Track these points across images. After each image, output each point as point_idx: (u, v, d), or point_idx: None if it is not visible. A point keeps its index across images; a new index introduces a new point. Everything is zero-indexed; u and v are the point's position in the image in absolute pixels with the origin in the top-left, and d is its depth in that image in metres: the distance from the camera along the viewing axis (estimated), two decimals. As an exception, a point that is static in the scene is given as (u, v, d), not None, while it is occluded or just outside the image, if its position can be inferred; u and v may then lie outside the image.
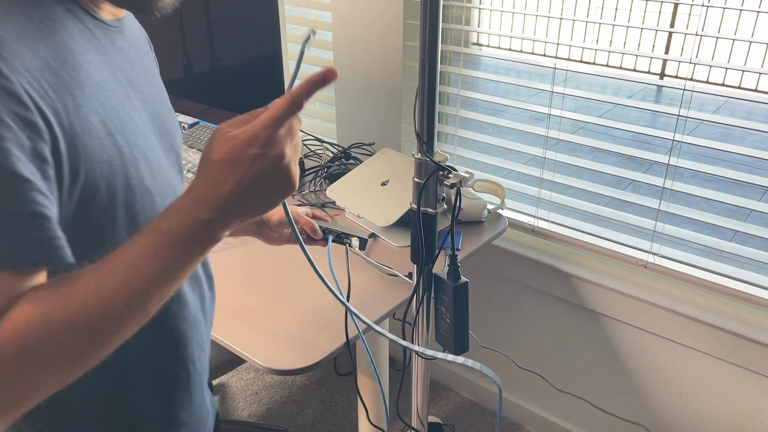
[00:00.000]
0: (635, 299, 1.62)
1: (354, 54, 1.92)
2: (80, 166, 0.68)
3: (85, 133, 0.68)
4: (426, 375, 1.33)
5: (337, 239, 1.19)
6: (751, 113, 4.99)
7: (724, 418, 1.62)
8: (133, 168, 0.75)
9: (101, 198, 0.71)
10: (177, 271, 0.64)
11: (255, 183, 0.62)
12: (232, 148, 0.61)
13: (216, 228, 0.64)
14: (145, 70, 0.86)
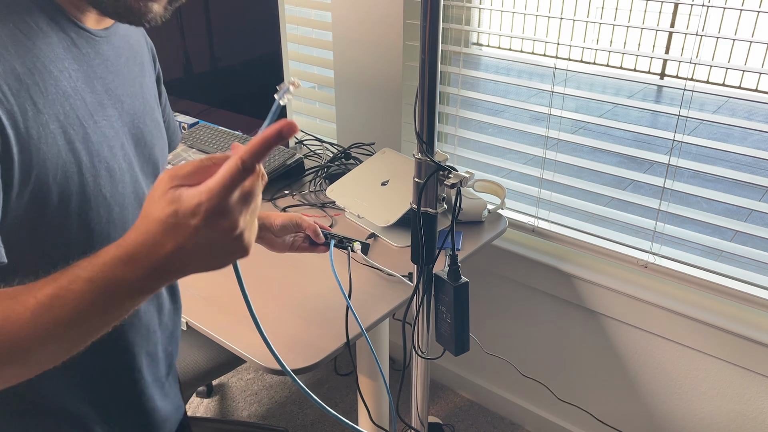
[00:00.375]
0: (635, 299, 1.61)
1: (354, 54, 1.92)
2: (32, 169, 0.68)
3: (41, 139, 0.68)
4: (426, 375, 1.33)
5: (339, 244, 1.18)
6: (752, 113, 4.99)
7: (724, 418, 1.62)
8: (91, 176, 0.75)
9: (52, 203, 0.71)
10: (96, 318, 0.58)
11: (197, 250, 0.57)
12: (175, 211, 0.56)
13: (144, 289, 0.59)
14: (130, 80, 0.86)
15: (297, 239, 1.16)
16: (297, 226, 1.14)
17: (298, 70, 2.15)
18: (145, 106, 0.89)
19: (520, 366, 1.97)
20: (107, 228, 0.78)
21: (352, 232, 1.56)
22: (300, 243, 1.16)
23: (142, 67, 0.90)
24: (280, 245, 1.16)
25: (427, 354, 1.25)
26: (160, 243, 0.57)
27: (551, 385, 1.93)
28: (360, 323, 1.14)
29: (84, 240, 0.76)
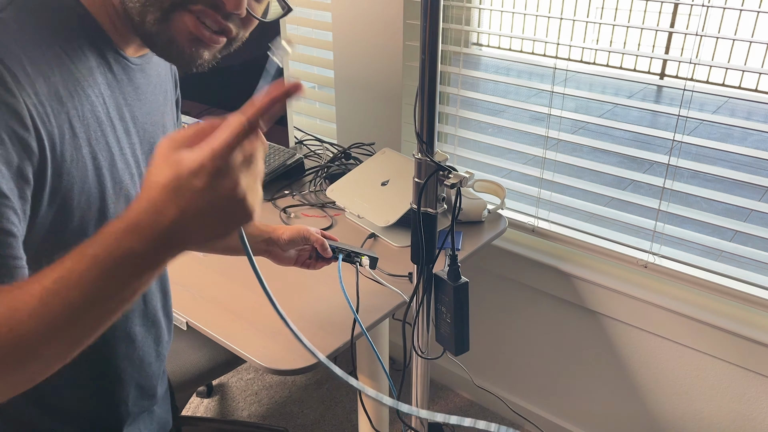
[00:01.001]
0: (635, 299, 1.61)
1: (354, 54, 1.92)
2: (60, 192, 0.68)
3: (73, 163, 0.69)
4: (426, 375, 1.33)
5: (347, 258, 1.18)
6: (751, 113, 4.99)
7: (724, 418, 1.62)
8: (112, 204, 0.75)
9: (73, 226, 0.71)
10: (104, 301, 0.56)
11: (201, 215, 0.55)
12: (176, 175, 0.54)
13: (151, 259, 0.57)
14: (155, 109, 0.86)
15: (303, 254, 1.16)
16: (305, 239, 1.14)
17: (299, 70, 2.15)
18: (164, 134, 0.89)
19: (520, 366, 1.97)
20: None
21: (352, 232, 1.56)
22: (306, 258, 1.17)
23: (165, 95, 0.91)
24: (286, 259, 1.15)
25: (427, 354, 1.25)
26: (163, 208, 0.55)
27: (551, 385, 1.93)
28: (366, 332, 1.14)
29: None
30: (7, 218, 0.60)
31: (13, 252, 0.61)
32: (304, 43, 2.11)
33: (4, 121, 0.60)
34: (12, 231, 0.61)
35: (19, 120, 0.61)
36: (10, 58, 0.62)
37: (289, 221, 1.61)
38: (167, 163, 0.55)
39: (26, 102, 0.62)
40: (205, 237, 0.58)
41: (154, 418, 0.99)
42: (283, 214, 1.64)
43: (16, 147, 0.61)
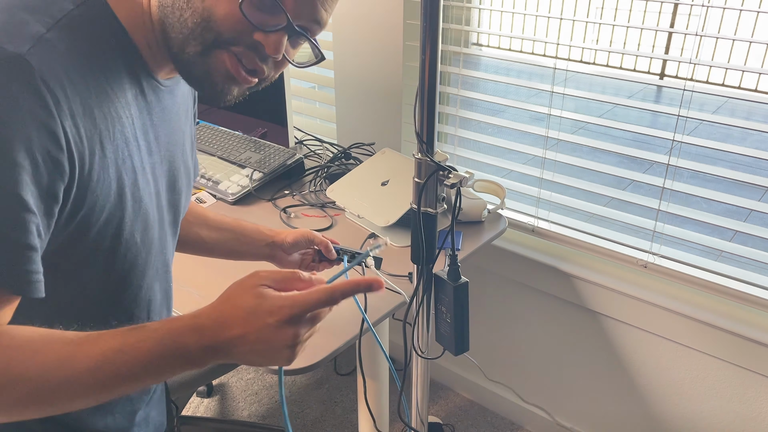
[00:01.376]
0: (635, 299, 1.62)
1: (354, 54, 1.92)
2: (81, 209, 0.70)
3: (99, 183, 0.70)
4: (426, 375, 1.33)
5: (352, 259, 1.18)
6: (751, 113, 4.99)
7: (724, 418, 1.62)
8: (129, 223, 0.77)
9: (86, 243, 0.73)
10: (148, 379, 0.66)
11: (255, 343, 0.66)
12: (258, 305, 0.66)
13: (200, 360, 0.66)
14: (177, 129, 0.88)
15: (307, 257, 1.17)
16: (309, 241, 1.15)
17: (299, 70, 2.15)
18: (183, 155, 0.91)
19: (520, 365, 1.97)
20: (128, 270, 0.80)
21: (352, 232, 1.57)
22: (310, 262, 1.17)
23: (187, 113, 0.92)
24: (289, 263, 1.16)
25: (427, 354, 1.25)
26: (231, 325, 0.66)
27: (551, 385, 1.93)
28: (375, 333, 1.14)
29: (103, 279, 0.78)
30: (32, 233, 0.64)
31: (33, 267, 0.65)
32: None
33: (41, 143, 0.62)
34: (34, 245, 0.64)
35: (55, 141, 0.64)
36: (53, 79, 0.64)
37: (289, 221, 1.62)
38: (252, 293, 0.67)
39: (63, 123, 0.64)
40: (248, 361, 0.68)
41: (150, 421, 0.99)
42: (283, 214, 1.64)
43: (49, 167, 0.64)
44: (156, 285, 0.88)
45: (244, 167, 1.81)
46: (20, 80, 0.61)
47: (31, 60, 0.62)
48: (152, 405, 1.00)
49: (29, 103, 0.62)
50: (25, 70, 0.62)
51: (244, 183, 1.73)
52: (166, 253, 0.89)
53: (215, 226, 1.13)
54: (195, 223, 1.11)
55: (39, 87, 0.62)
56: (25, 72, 0.62)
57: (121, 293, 0.81)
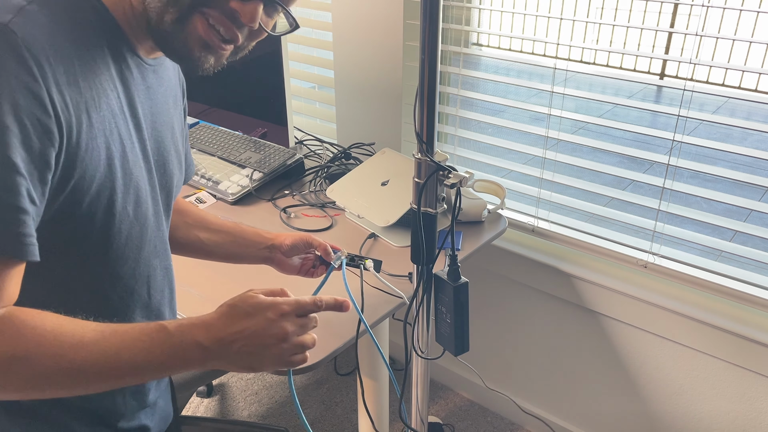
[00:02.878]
0: (635, 299, 1.62)
1: (354, 54, 1.92)
2: (71, 179, 0.71)
3: (87, 152, 0.72)
4: (426, 375, 1.33)
5: (350, 262, 1.19)
6: (751, 113, 4.99)
7: (724, 418, 1.62)
8: (121, 194, 0.78)
9: (81, 213, 0.74)
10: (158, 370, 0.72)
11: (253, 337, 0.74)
12: (257, 304, 0.75)
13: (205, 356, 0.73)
14: (164, 111, 0.89)
15: (307, 262, 1.18)
16: (307, 245, 1.15)
17: (299, 70, 2.16)
18: (172, 137, 0.92)
19: (520, 366, 1.97)
20: (124, 244, 0.82)
21: (352, 232, 1.57)
22: (309, 267, 1.18)
23: (175, 101, 0.94)
24: (289, 267, 1.17)
25: (427, 354, 1.26)
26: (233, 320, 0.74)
27: (551, 385, 1.93)
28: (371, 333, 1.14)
29: (101, 253, 0.80)
30: (22, 196, 0.65)
31: (26, 230, 0.66)
32: (304, 43, 2.11)
33: (28, 108, 0.64)
34: (26, 209, 0.65)
35: (42, 107, 0.65)
36: (36, 47, 0.65)
37: (289, 221, 1.62)
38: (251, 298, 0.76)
39: (49, 90, 0.66)
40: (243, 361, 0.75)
41: (156, 410, 1.00)
42: (283, 214, 1.64)
43: (38, 132, 0.65)
44: (155, 261, 0.90)
45: (244, 167, 1.81)
46: (4, 48, 0.63)
47: (15, 28, 0.64)
48: (160, 393, 1.01)
49: (15, 69, 0.63)
50: (9, 38, 0.63)
51: (244, 183, 1.73)
52: (162, 231, 0.91)
53: (215, 229, 1.14)
54: (194, 226, 1.12)
55: (23, 54, 0.64)
56: (9, 40, 0.63)
57: (120, 268, 0.83)
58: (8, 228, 0.64)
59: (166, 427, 1.05)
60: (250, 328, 0.73)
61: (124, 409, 0.92)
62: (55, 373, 0.67)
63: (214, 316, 0.74)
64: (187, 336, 0.72)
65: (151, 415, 0.99)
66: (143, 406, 0.96)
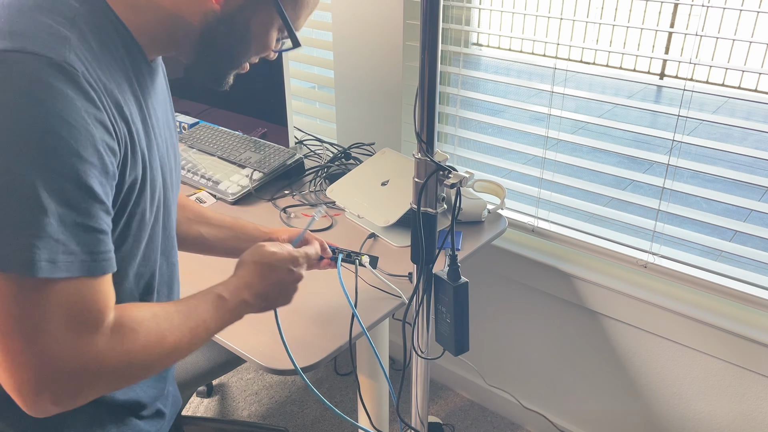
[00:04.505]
0: (635, 299, 1.62)
1: (354, 54, 1.92)
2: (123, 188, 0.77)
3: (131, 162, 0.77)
4: (426, 375, 1.33)
5: (347, 258, 1.20)
6: (751, 113, 4.99)
7: (724, 418, 1.62)
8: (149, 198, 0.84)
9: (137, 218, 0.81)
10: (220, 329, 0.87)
11: (280, 285, 0.94)
12: (279, 259, 0.94)
13: (249, 308, 0.91)
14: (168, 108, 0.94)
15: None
16: (304, 241, 1.17)
17: (299, 70, 2.16)
18: (172, 136, 0.95)
19: (520, 366, 1.98)
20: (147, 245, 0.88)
21: (352, 232, 1.57)
22: None
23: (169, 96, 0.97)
24: None
25: (427, 354, 1.26)
26: (267, 276, 0.93)
27: (551, 385, 1.93)
28: (365, 329, 1.14)
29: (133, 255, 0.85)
30: (102, 219, 0.71)
31: (105, 247, 0.72)
32: (304, 43, 2.11)
33: (100, 135, 0.70)
34: (105, 229, 0.72)
35: (108, 132, 0.71)
36: (91, 77, 0.70)
37: (289, 221, 1.62)
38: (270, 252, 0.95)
39: (108, 114, 0.71)
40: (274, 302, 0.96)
41: (169, 397, 1.04)
42: (283, 214, 1.64)
43: (109, 155, 0.71)
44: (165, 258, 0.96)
45: (244, 167, 1.81)
46: (71, 84, 0.67)
47: (74, 64, 0.68)
48: (169, 381, 1.05)
49: (84, 103, 0.68)
50: (73, 75, 0.68)
51: (244, 183, 1.73)
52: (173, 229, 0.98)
53: (215, 224, 1.16)
54: (195, 221, 1.14)
55: (86, 88, 0.69)
56: (74, 76, 0.68)
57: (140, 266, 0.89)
58: (94, 250, 0.70)
59: (177, 412, 1.08)
60: (280, 279, 0.93)
61: (146, 399, 0.95)
62: (160, 356, 0.78)
63: (249, 275, 0.91)
64: (237, 298, 0.88)
65: (166, 401, 1.02)
66: (161, 394, 0.99)
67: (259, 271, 0.92)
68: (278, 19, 0.83)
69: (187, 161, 1.88)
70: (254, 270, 0.92)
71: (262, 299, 0.92)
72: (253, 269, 0.91)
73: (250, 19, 0.82)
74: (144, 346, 0.75)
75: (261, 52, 0.87)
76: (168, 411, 1.02)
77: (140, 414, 0.95)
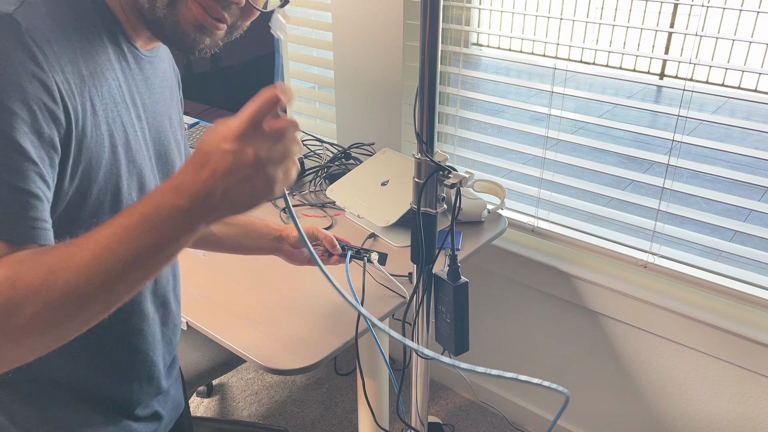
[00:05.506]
0: (635, 299, 1.62)
1: (354, 54, 1.92)
2: (80, 166, 0.72)
3: (93, 139, 0.73)
4: (426, 375, 1.33)
5: (356, 255, 1.21)
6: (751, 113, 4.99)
7: (724, 418, 1.62)
8: (126, 181, 0.80)
9: (90, 201, 0.75)
10: (149, 257, 0.62)
11: (227, 177, 0.62)
12: (211, 139, 0.62)
13: (190, 217, 0.63)
14: (162, 101, 0.91)
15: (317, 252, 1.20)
16: (313, 237, 1.19)
17: (299, 70, 2.16)
18: (171, 127, 0.93)
19: (520, 366, 1.98)
20: None
21: (352, 232, 1.57)
22: (320, 257, 1.21)
23: (171, 92, 0.95)
24: (298, 257, 1.20)
25: (427, 354, 1.25)
26: (199, 168, 0.62)
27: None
28: (370, 327, 1.14)
29: None
30: (33, 182, 0.64)
31: (40, 215, 0.65)
32: (304, 43, 2.11)
33: (36, 94, 0.65)
34: (38, 195, 0.65)
35: (49, 93, 0.66)
36: (40, 36, 0.67)
37: (289, 221, 1.62)
38: (210, 131, 0.64)
39: (54, 77, 0.67)
40: (233, 203, 0.64)
41: (168, 398, 1.02)
42: (283, 214, 1.64)
43: (46, 118, 0.66)
44: None
45: (244, 167, 1.81)
46: (10, 37, 0.65)
47: (19, 18, 0.66)
48: (171, 382, 1.03)
49: (21, 57, 0.65)
50: (14, 28, 0.65)
51: (244, 183, 1.73)
52: None
53: (226, 222, 1.16)
54: None
55: (28, 43, 0.66)
56: (14, 29, 0.65)
57: None
58: (20, 213, 0.63)
59: (178, 416, 1.07)
60: (218, 168, 0.62)
61: (139, 395, 0.94)
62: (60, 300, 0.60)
63: (178, 174, 0.64)
64: (163, 207, 0.62)
65: (164, 403, 1.01)
66: (157, 392, 0.98)
67: (188, 165, 0.64)
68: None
69: (187, 161, 1.87)
70: (184, 166, 0.64)
71: (208, 200, 0.63)
72: (183, 166, 0.64)
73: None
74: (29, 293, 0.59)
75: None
76: (166, 414, 1.01)
77: (134, 414, 0.94)
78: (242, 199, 0.64)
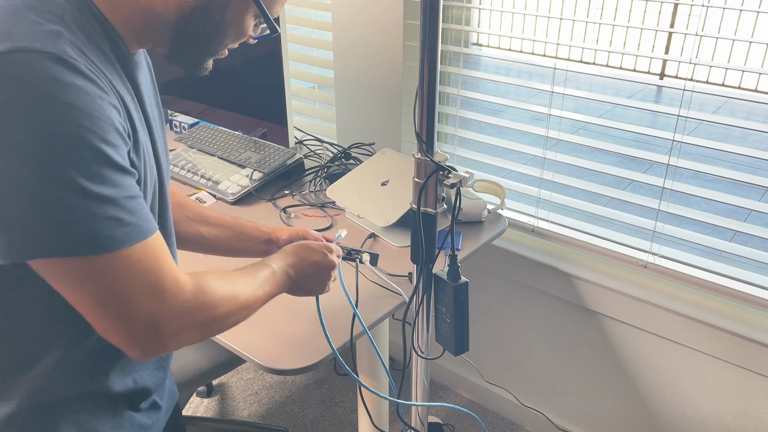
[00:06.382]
0: (635, 299, 1.62)
1: (354, 54, 1.92)
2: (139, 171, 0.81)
3: (139, 147, 0.79)
4: (426, 375, 1.33)
5: (347, 256, 1.20)
6: (751, 113, 5.00)
7: (724, 418, 1.62)
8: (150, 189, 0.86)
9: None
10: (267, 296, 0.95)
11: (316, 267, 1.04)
12: (320, 245, 1.06)
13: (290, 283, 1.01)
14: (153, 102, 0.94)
15: None
16: (303, 238, 1.18)
17: (299, 70, 2.16)
18: (161, 126, 0.95)
19: (520, 366, 1.98)
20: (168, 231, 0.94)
21: (352, 232, 1.56)
22: None
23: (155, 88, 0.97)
24: None
25: (427, 354, 1.26)
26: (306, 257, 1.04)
27: (551, 385, 1.93)
28: (367, 330, 1.14)
29: None
30: (136, 187, 0.75)
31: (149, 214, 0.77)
32: (304, 43, 2.11)
33: (116, 117, 0.73)
34: (141, 195, 0.76)
35: (119, 113, 0.74)
36: (90, 67, 0.72)
37: (289, 221, 1.62)
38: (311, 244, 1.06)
39: (115, 96, 0.74)
40: (311, 284, 1.06)
41: (165, 389, 1.04)
42: (283, 214, 1.64)
43: (124, 136, 0.74)
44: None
45: (244, 167, 1.81)
46: (78, 75, 0.69)
47: (73, 55, 0.70)
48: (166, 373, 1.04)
49: (95, 89, 0.71)
50: (74, 66, 0.69)
51: (244, 183, 1.73)
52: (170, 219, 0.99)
53: (215, 224, 1.17)
54: (195, 220, 1.14)
55: (91, 75, 0.71)
56: (75, 67, 0.70)
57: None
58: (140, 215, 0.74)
59: (173, 405, 1.08)
60: (317, 262, 1.03)
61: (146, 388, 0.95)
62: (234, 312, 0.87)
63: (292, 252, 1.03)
64: (284, 271, 0.99)
65: (162, 394, 1.02)
66: (161, 384, 1.00)
67: (299, 250, 1.03)
68: (253, 6, 0.84)
69: (187, 161, 1.87)
70: (295, 249, 1.03)
71: (301, 278, 1.01)
72: (294, 248, 1.03)
73: (225, 8, 0.82)
74: (221, 300, 0.84)
75: (238, 39, 0.88)
76: (164, 404, 1.02)
77: (137, 406, 0.95)
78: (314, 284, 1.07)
